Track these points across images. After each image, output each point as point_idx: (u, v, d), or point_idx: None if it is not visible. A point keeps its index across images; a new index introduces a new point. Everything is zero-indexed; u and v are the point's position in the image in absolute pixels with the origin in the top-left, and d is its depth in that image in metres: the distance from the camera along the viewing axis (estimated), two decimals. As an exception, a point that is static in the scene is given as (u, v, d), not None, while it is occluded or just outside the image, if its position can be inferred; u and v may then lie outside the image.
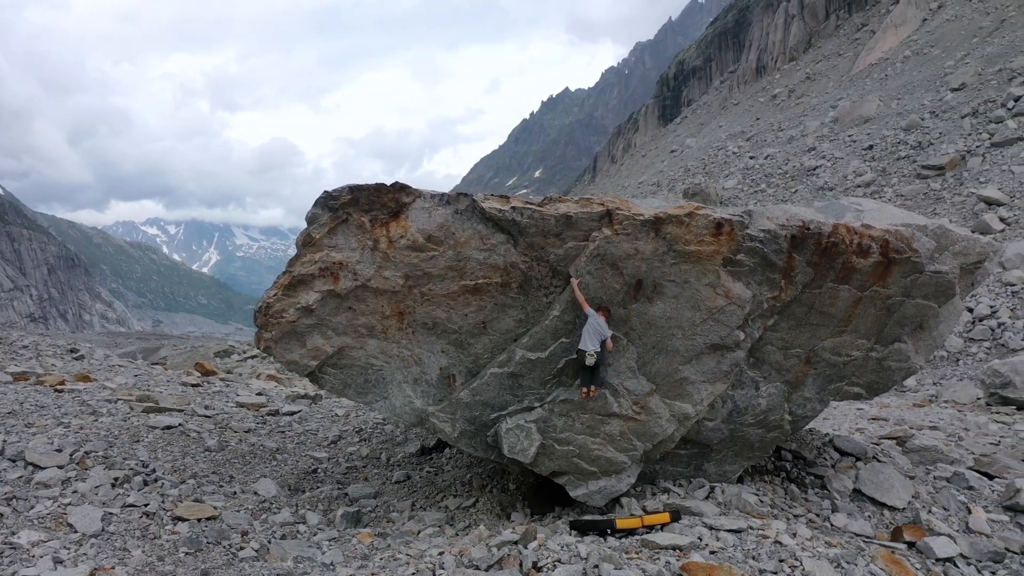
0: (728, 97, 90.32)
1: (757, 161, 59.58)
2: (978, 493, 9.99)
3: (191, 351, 49.03)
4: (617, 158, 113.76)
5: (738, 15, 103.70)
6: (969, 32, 59.30)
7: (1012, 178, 39.36)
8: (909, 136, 49.51)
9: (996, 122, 45.06)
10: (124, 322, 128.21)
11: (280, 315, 7.48)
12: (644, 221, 7.18)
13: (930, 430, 18.56)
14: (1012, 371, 24.07)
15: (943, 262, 7.85)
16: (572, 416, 7.79)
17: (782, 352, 8.22)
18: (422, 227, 7.29)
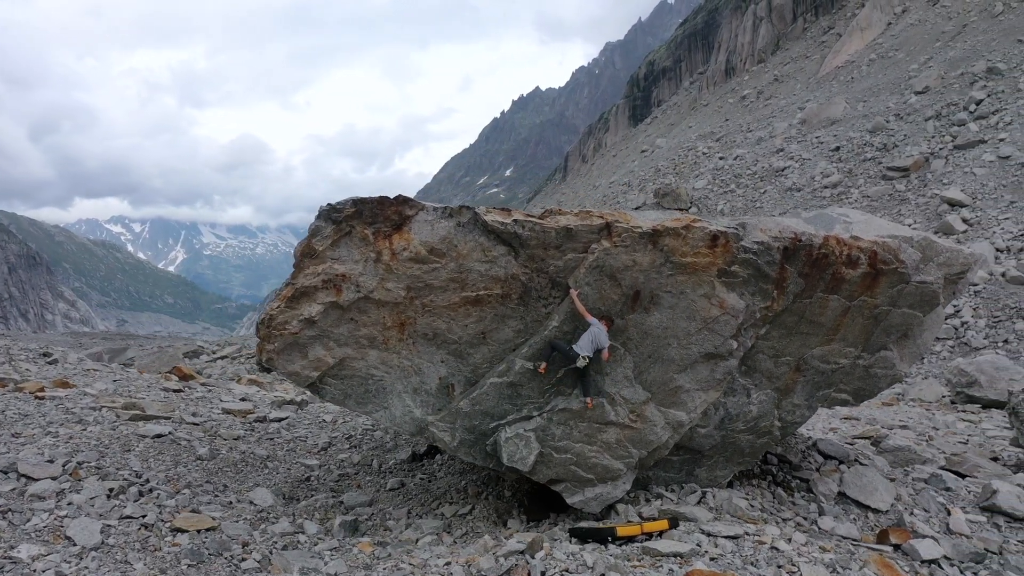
0: (698, 98, 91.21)
1: (727, 162, 60.25)
2: (955, 494, 10.30)
3: (158, 351, 48.40)
4: (588, 158, 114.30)
5: (707, 17, 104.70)
6: (932, 36, 60.52)
7: (974, 180, 40.30)
8: (875, 138, 50.46)
9: (958, 125, 46.10)
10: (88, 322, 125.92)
11: (283, 327, 7.51)
12: (642, 233, 7.34)
13: (901, 429, 19.00)
14: (977, 370, 24.70)
15: (928, 273, 8.11)
16: (570, 425, 7.92)
17: (773, 360, 8.43)
18: (425, 239, 7.37)
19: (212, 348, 51.10)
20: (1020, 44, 50.53)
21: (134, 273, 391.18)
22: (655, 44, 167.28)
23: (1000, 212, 37.03)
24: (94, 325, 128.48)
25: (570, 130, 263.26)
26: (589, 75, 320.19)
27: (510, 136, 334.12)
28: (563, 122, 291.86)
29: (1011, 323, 29.58)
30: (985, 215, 37.44)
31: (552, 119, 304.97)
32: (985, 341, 29.65)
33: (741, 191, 54.87)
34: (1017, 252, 33.37)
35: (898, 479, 10.50)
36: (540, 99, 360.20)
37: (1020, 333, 28.53)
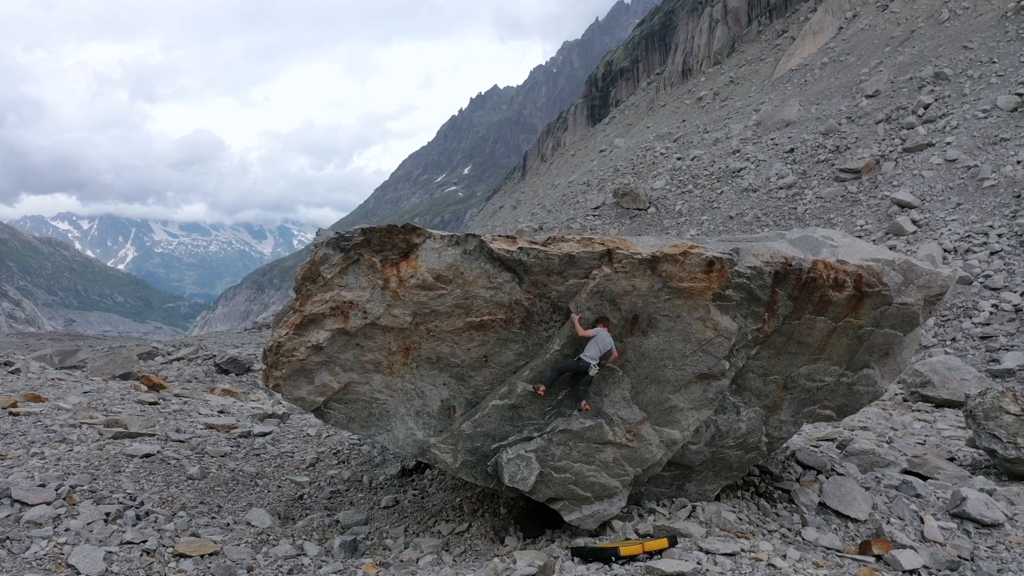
0: (655, 98, 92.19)
1: (684, 162, 61.02)
2: (926, 501, 10.74)
3: (110, 352, 47.23)
4: (547, 156, 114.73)
5: (664, 18, 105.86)
6: (882, 41, 62.06)
7: (923, 182, 41.53)
8: (828, 140, 51.68)
9: (907, 128, 47.45)
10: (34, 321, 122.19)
11: (291, 354, 7.55)
12: (642, 260, 7.56)
13: (862, 430, 19.60)
14: (931, 371, 25.53)
15: (909, 295, 8.48)
16: (570, 445, 8.10)
17: (762, 379, 8.73)
18: (432, 267, 7.48)
19: (167, 349, 50.11)
20: (965, 50, 52.13)
21: (82, 271, 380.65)
22: (612, 44, 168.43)
23: (947, 214, 38.21)
24: (40, 325, 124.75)
25: (528, 129, 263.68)
26: (547, 74, 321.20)
27: (468, 134, 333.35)
28: (521, 120, 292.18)
29: (958, 322, 30.64)
30: (933, 217, 38.61)
31: (510, 117, 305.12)
32: (934, 340, 30.66)
33: (698, 191, 55.71)
34: (964, 253, 34.51)
35: (872, 487, 10.91)
36: (498, 97, 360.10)
37: (967, 331, 29.56)
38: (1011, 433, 14.77)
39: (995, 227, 35.07)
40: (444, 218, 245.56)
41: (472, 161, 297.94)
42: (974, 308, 30.77)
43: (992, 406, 15.24)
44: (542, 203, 72.97)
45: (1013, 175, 37.69)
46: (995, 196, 37.51)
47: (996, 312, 29.83)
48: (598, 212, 59.84)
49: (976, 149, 41.93)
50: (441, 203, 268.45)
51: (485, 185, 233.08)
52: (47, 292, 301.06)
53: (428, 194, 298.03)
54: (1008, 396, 15.28)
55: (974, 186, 39.24)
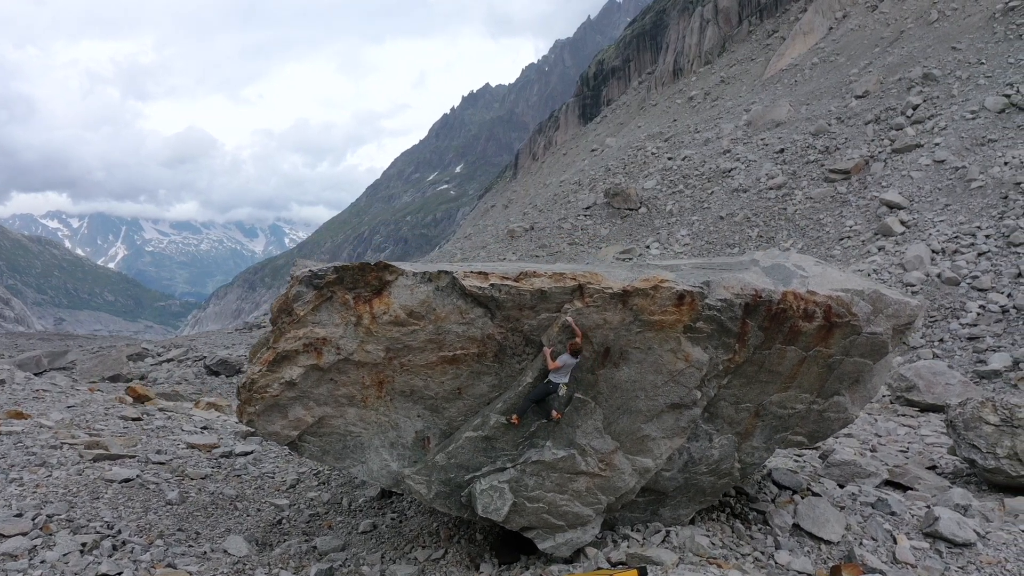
0: (646, 98, 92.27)
1: (675, 162, 61.09)
2: (900, 519, 10.88)
3: (100, 352, 47.14)
4: (538, 155, 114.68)
5: (655, 17, 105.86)
6: (871, 42, 62.22)
7: (911, 183, 41.72)
8: (817, 141, 51.84)
9: (896, 129, 47.64)
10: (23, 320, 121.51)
11: (264, 391, 7.62)
12: (613, 294, 7.65)
13: (846, 438, 19.76)
14: (916, 376, 25.73)
15: (878, 324, 8.59)
16: (543, 476, 8.20)
17: (734, 407, 8.84)
18: (404, 303, 7.56)
19: (157, 350, 50.01)
20: (954, 51, 52.32)
21: (72, 270, 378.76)
22: (605, 43, 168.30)
23: (935, 215, 38.38)
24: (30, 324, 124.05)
25: (520, 127, 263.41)
26: (539, 72, 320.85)
27: (460, 133, 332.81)
28: (513, 119, 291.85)
29: (946, 323, 30.84)
30: (922, 217, 38.80)
31: (502, 116, 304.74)
32: (922, 340, 30.87)
33: (689, 191, 55.83)
34: (952, 254, 34.70)
35: (847, 505, 11.04)
36: (490, 96, 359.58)
37: (954, 332, 29.78)
38: (991, 443, 14.92)
39: (983, 228, 35.27)
40: (436, 216, 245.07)
41: (464, 160, 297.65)
42: (961, 309, 30.98)
43: (972, 416, 15.39)
44: (533, 202, 72.99)
45: (1000, 176, 37.89)
46: (983, 197, 37.70)
47: (983, 313, 30.05)
48: (589, 212, 59.93)
49: (964, 150, 42.12)
50: (433, 201, 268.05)
51: (477, 184, 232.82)
52: (37, 291, 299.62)
53: (420, 192, 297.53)
54: (988, 406, 15.43)
55: (962, 187, 39.43)
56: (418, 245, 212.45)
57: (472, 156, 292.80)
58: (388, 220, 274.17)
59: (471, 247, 67.53)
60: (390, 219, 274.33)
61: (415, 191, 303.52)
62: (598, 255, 52.92)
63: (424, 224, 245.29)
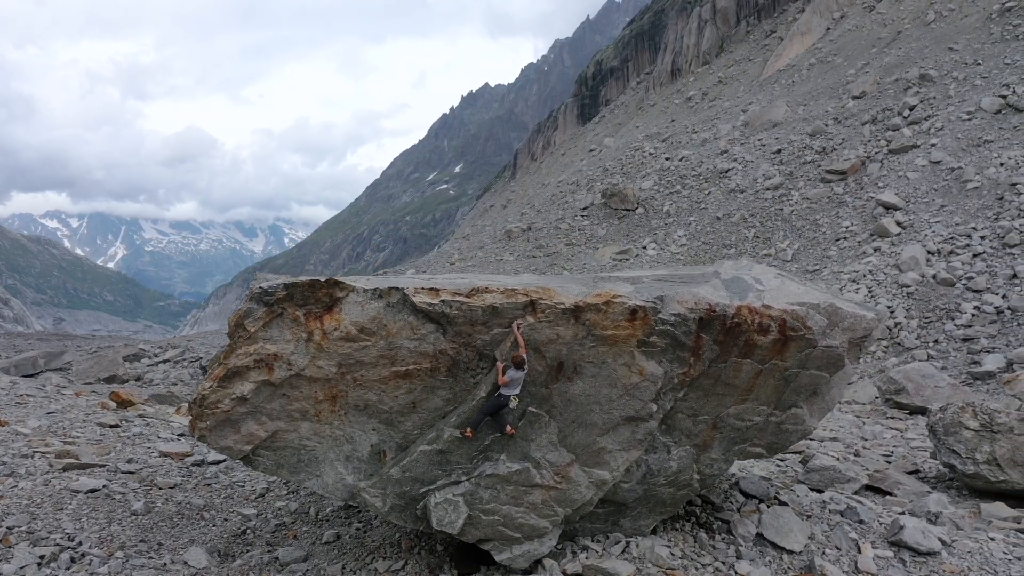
0: (644, 98, 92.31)
1: (672, 163, 61.06)
2: (868, 527, 10.90)
3: (97, 353, 47.22)
4: (537, 155, 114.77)
5: (654, 17, 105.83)
6: (868, 42, 62.17)
7: (908, 184, 41.69)
8: (814, 141, 51.82)
9: (893, 130, 47.62)
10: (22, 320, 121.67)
11: (215, 406, 7.69)
12: (565, 310, 7.72)
13: (831, 441, 19.81)
14: (905, 378, 25.78)
15: (834, 337, 8.65)
16: (497, 489, 8.27)
17: (691, 419, 8.90)
18: (355, 320, 7.63)
19: (154, 351, 50.12)
20: (951, 52, 52.26)
21: (71, 270, 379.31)
22: (604, 42, 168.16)
23: (931, 216, 38.36)
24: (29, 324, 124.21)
25: (519, 127, 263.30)
26: (538, 72, 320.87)
27: (459, 132, 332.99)
28: (512, 119, 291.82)
29: (941, 324, 30.90)
30: (918, 218, 38.79)
31: (501, 116, 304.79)
32: (917, 341, 30.93)
33: (686, 192, 55.83)
34: (947, 255, 34.72)
35: (814, 514, 11.07)
36: (489, 95, 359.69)
37: (949, 333, 29.82)
38: (970, 449, 14.97)
39: (978, 229, 35.29)
40: (435, 216, 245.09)
41: (463, 159, 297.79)
42: (956, 310, 31.04)
43: (952, 421, 15.44)
44: (531, 203, 73.03)
45: (996, 177, 37.87)
46: (978, 198, 37.68)
47: (978, 314, 30.12)
48: (586, 213, 59.97)
49: (960, 151, 42.07)
50: (432, 201, 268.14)
51: (476, 183, 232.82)
52: (36, 291, 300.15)
53: (419, 192, 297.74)
54: (968, 411, 15.46)
55: (958, 188, 39.40)
56: (417, 245, 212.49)
57: (471, 156, 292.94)
58: (387, 220, 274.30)
59: (469, 247, 67.58)
60: (389, 219, 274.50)
61: (414, 191, 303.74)
62: (595, 256, 52.98)
63: (423, 224, 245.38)
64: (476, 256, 61.65)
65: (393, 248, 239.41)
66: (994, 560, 10.18)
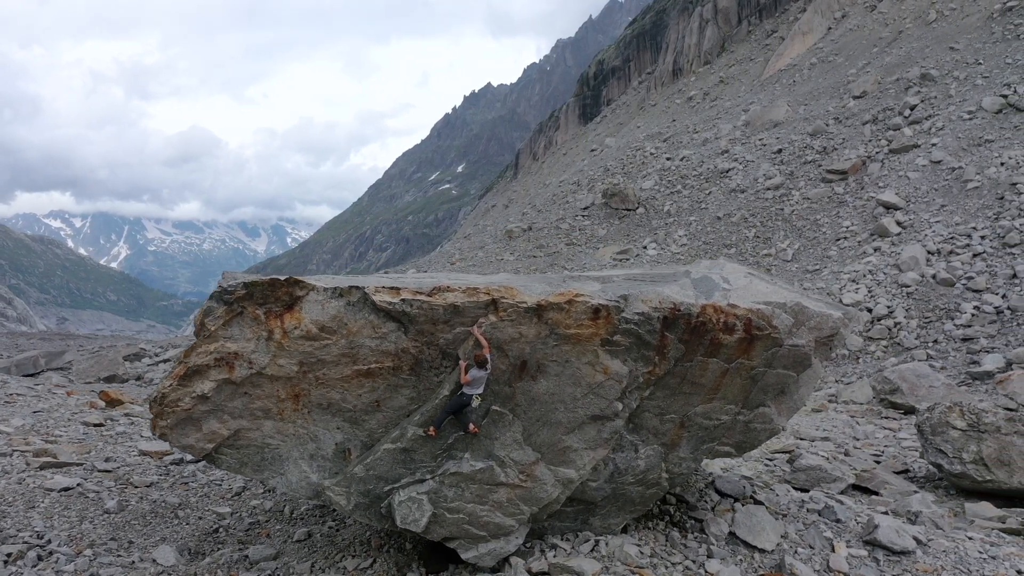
0: (646, 98, 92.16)
1: (673, 162, 60.96)
2: (844, 526, 10.89)
3: (98, 352, 47.30)
4: (539, 155, 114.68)
5: (655, 17, 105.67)
6: (870, 42, 61.98)
7: (908, 183, 41.55)
8: (815, 141, 51.68)
9: (894, 129, 47.47)
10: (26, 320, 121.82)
11: (175, 404, 7.72)
12: (527, 308, 7.74)
13: (822, 441, 19.78)
14: (900, 378, 25.71)
15: (800, 336, 8.65)
16: (462, 487, 8.30)
17: (658, 418, 8.91)
18: (316, 318, 7.66)
19: (155, 350, 50.19)
20: (952, 51, 52.07)
21: (75, 270, 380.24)
22: (606, 42, 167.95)
23: (932, 215, 38.23)
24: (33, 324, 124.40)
25: (522, 127, 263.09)
26: (541, 72, 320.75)
27: (462, 132, 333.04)
28: (515, 118, 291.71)
29: (940, 324, 30.80)
30: (918, 218, 38.65)
31: (504, 115, 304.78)
32: (916, 341, 30.84)
33: (687, 192, 55.73)
34: (947, 255, 34.60)
35: (790, 513, 11.06)
36: (492, 95, 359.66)
37: (949, 333, 29.72)
38: (956, 448, 14.94)
39: (978, 229, 35.16)
40: (438, 216, 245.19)
41: (466, 159, 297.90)
42: (956, 310, 30.94)
43: (939, 421, 15.41)
44: (532, 203, 73.00)
45: (997, 177, 37.72)
46: (979, 198, 37.54)
47: (978, 314, 30.03)
48: (587, 212, 59.92)
49: (961, 151, 41.91)
50: (435, 201, 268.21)
51: (479, 183, 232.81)
52: (39, 290, 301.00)
53: (422, 192, 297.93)
54: (956, 411, 15.44)
55: (958, 188, 39.27)
56: (420, 244, 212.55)
57: (474, 156, 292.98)
58: (390, 220, 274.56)
59: (470, 247, 67.60)
60: (392, 219, 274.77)
61: (417, 191, 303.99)
62: (595, 256, 52.95)
63: (426, 224, 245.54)
64: (477, 256, 61.65)
65: (396, 248, 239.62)
66: (968, 559, 10.16)
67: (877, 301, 33.40)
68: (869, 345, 32.46)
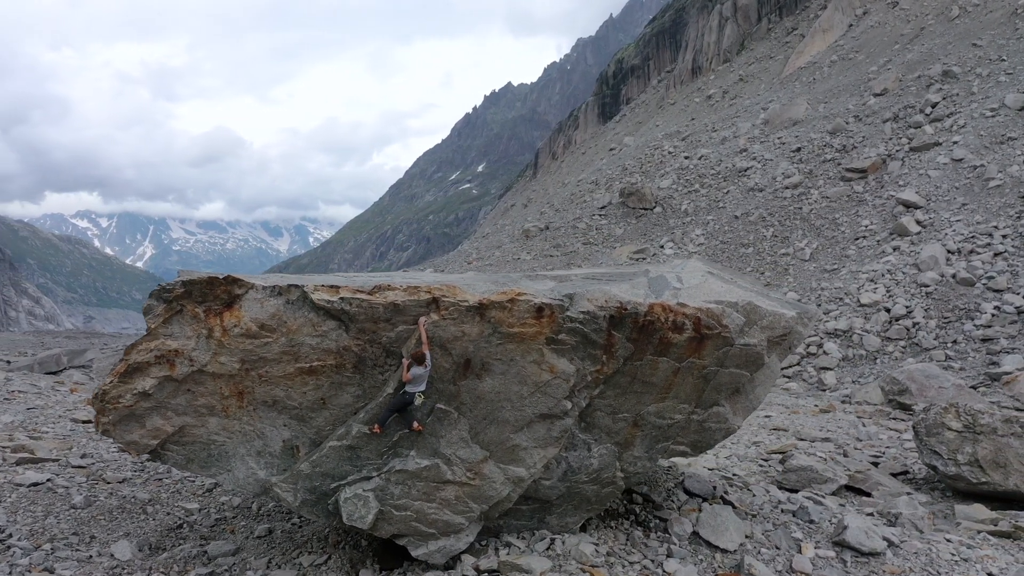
0: (665, 96, 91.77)
1: (691, 161, 60.61)
2: (816, 527, 10.80)
3: (121, 351, 47.97)
4: (558, 155, 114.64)
5: (675, 15, 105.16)
6: (891, 39, 61.19)
7: (929, 182, 40.94)
8: (834, 139, 51.09)
9: (915, 127, 46.79)
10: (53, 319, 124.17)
11: (116, 401, 7.83)
12: (469, 307, 7.77)
13: (822, 442, 19.57)
14: (908, 379, 25.37)
15: (752, 336, 8.58)
16: (408, 484, 8.34)
17: (611, 417, 8.89)
18: (255, 316, 7.74)
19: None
20: (975, 48, 51.21)
21: (101, 269, 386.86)
22: (627, 41, 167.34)
23: (952, 214, 37.68)
24: (60, 322, 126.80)
25: (542, 126, 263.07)
26: (561, 71, 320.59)
27: (482, 132, 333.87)
28: (535, 118, 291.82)
29: (960, 324, 30.37)
30: (938, 217, 38.10)
31: (524, 115, 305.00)
32: (935, 342, 30.46)
33: (705, 191, 55.40)
34: (967, 254, 34.11)
35: (762, 513, 10.97)
36: (512, 95, 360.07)
37: (968, 334, 29.31)
38: (951, 450, 14.75)
39: (1000, 228, 34.62)
40: (458, 215, 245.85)
41: (486, 159, 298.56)
42: (976, 310, 30.56)
43: (935, 422, 15.21)
44: (550, 202, 73.00)
45: (1019, 175, 37.09)
46: (1000, 196, 36.92)
47: (998, 314, 29.66)
48: (604, 212, 59.76)
49: (983, 149, 41.20)
50: (455, 201, 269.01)
51: (499, 183, 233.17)
52: (67, 289, 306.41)
53: (442, 192, 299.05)
54: (951, 412, 15.23)
55: (980, 186, 38.63)
56: (440, 244, 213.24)
57: (494, 155, 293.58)
58: (411, 219, 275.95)
59: (487, 247, 67.77)
60: (413, 218, 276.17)
61: (437, 190, 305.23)
62: (612, 255, 52.79)
63: (446, 223, 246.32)
64: (494, 255, 61.76)
65: (416, 247, 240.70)
66: (939, 561, 10.02)
67: (895, 301, 32.99)
68: (887, 346, 32.08)
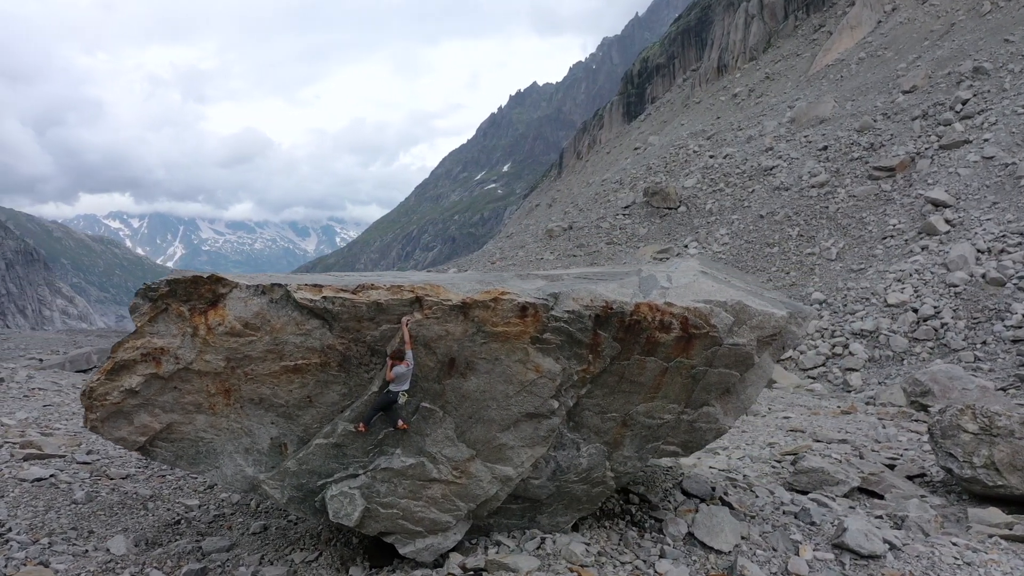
0: (690, 95, 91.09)
1: (716, 160, 60.13)
2: (817, 529, 10.67)
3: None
4: (583, 154, 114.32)
5: (700, 13, 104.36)
6: (920, 35, 60.21)
7: (958, 180, 40.23)
8: (862, 137, 50.38)
9: (944, 125, 46.02)
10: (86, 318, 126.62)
11: (104, 398, 7.98)
12: (452, 306, 7.80)
13: (838, 444, 19.32)
14: (931, 380, 24.98)
15: (741, 335, 8.49)
16: (394, 482, 8.39)
17: (599, 416, 8.86)
18: (239, 315, 7.83)
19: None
20: (1006, 44, 50.23)
21: (132, 269, 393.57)
22: (653, 39, 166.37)
23: (983, 213, 37.04)
24: (93, 321, 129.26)
25: (567, 126, 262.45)
26: (586, 70, 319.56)
27: (507, 132, 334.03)
28: (560, 118, 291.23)
29: (989, 324, 29.87)
30: (968, 216, 37.45)
31: (549, 114, 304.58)
32: (964, 343, 29.99)
33: (730, 190, 54.95)
34: (998, 253, 33.51)
35: (762, 515, 10.86)
36: (537, 94, 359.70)
37: (998, 335, 28.82)
38: (967, 452, 14.52)
39: (1031, 227, 33.94)
40: (484, 215, 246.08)
41: (511, 159, 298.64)
42: (1006, 311, 30.08)
43: (950, 424, 14.97)
44: (575, 202, 72.84)
45: (1052, 174, 36.36)
46: (1032, 195, 36.23)
47: (1029, 314, 29.07)
48: (628, 211, 59.50)
49: (1015, 146, 40.40)
50: (480, 200, 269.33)
51: (524, 182, 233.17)
52: (99, 289, 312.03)
53: (468, 192, 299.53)
54: (968, 414, 14.99)
55: (1011, 184, 37.90)
56: (465, 244, 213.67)
57: (519, 155, 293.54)
58: (436, 219, 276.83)
59: (511, 247, 67.79)
60: (438, 218, 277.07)
61: (463, 190, 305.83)
62: (635, 255, 52.53)
63: (472, 223, 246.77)
64: (518, 255, 61.76)
65: (442, 247, 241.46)
66: (941, 565, 9.85)
67: (923, 301, 32.49)
68: (914, 347, 31.62)
